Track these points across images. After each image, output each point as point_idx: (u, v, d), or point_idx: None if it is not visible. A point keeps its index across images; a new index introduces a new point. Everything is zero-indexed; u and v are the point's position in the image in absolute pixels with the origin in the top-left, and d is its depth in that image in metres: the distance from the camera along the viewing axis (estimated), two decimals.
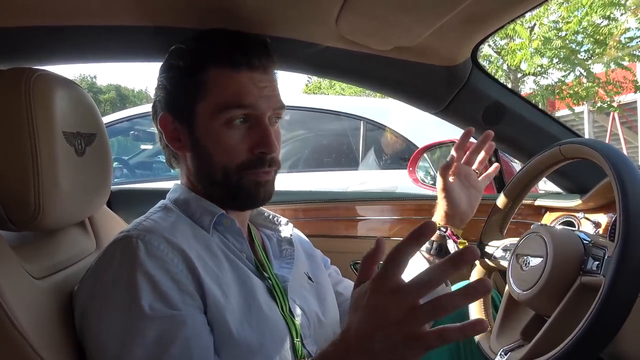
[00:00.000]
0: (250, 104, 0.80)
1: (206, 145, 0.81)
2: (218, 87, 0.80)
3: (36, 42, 0.94)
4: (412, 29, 0.93)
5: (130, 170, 3.60)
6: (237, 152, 0.80)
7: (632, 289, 0.67)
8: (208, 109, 0.80)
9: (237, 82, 0.80)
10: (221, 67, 0.80)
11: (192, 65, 0.82)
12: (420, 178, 1.93)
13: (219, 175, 0.82)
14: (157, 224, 0.77)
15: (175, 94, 0.83)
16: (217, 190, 0.83)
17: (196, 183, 0.85)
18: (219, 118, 0.79)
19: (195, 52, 0.82)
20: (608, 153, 0.79)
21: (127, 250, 0.70)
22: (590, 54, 8.09)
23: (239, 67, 0.80)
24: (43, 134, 0.69)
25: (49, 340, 0.65)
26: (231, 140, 0.80)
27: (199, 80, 0.80)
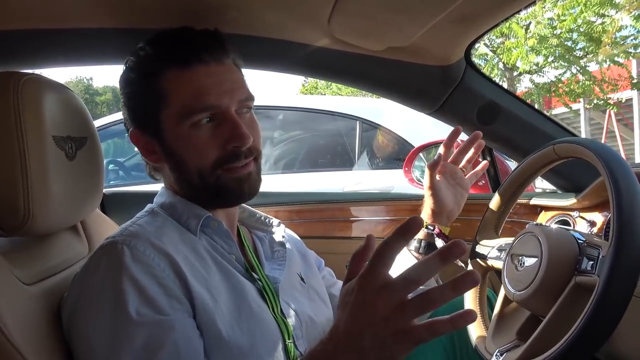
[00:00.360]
0: (212, 103, 0.77)
1: (177, 152, 0.80)
2: (176, 91, 0.78)
3: (26, 45, 0.93)
4: (405, 29, 0.93)
5: (127, 172, 3.59)
6: (208, 152, 0.78)
7: (627, 288, 0.67)
8: (171, 116, 0.78)
9: (194, 82, 0.77)
10: (174, 69, 0.78)
11: (147, 73, 0.79)
12: (415, 178, 1.92)
13: (196, 179, 0.80)
14: (143, 228, 0.76)
15: (138, 107, 0.82)
16: (199, 194, 0.82)
17: (179, 190, 0.84)
18: (184, 123, 0.77)
19: (144, 60, 0.80)
20: (601, 152, 0.79)
21: (113, 256, 0.70)
22: (586, 51, 8.11)
23: (191, 64, 0.77)
24: (32, 139, 0.68)
25: (39, 347, 0.64)
26: (200, 142, 0.78)
27: (156, 88, 0.78)
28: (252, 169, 0.82)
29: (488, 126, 1.27)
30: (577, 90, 8.60)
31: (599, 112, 11.27)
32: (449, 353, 1.02)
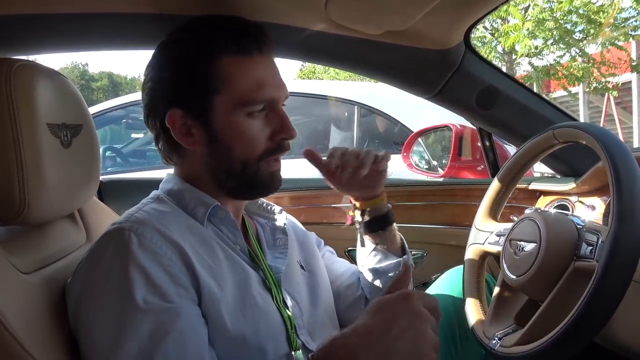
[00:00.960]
0: (271, 96, 0.79)
1: (225, 138, 0.78)
2: (236, 78, 0.77)
3: (22, 30, 0.91)
4: (403, 12, 0.92)
5: (124, 158, 3.57)
6: (259, 142, 0.80)
7: (626, 274, 0.67)
8: (227, 102, 0.77)
9: (255, 71, 0.78)
10: (233, 55, 0.77)
11: (201, 56, 0.78)
12: (414, 163, 1.92)
13: (238, 168, 0.80)
14: (150, 215, 0.76)
15: (186, 88, 0.79)
16: (232, 181, 0.81)
17: (204, 176, 0.82)
18: (241, 111, 0.78)
19: (202, 41, 0.78)
20: (602, 137, 0.78)
21: (120, 243, 0.69)
22: (585, 34, 8.04)
23: (252, 53, 0.78)
24: (26, 127, 0.67)
25: (38, 336, 0.64)
26: (252, 131, 0.79)
27: (212, 72, 0.77)
28: (280, 164, 0.85)
29: (487, 111, 1.26)
30: (577, 74, 8.55)
31: (598, 96, 11.23)
32: (449, 337, 1.03)
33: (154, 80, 0.81)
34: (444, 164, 1.88)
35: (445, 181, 1.59)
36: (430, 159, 1.96)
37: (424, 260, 1.45)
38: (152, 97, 0.81)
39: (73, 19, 0.90)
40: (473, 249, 1.07)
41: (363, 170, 0.92)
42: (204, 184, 0.83)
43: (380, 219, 1.01)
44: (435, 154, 1.96)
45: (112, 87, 40.85)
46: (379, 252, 1.01)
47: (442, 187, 1.51)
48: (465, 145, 1.79)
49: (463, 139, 1.78)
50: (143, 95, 0.83)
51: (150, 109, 0.82)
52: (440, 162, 1.92)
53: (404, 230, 1.47)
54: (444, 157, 1.88)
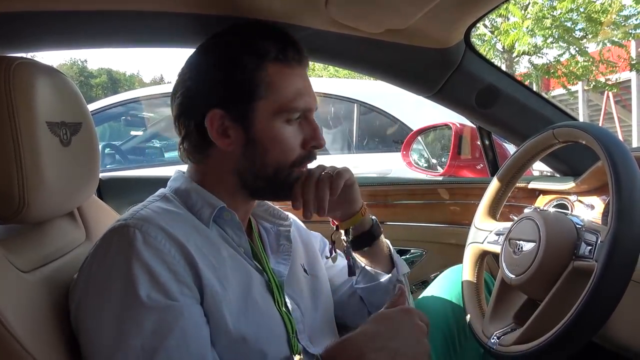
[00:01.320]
0: (307, 106, 0.83)
1: (263, 142, 0.80)
2: (279, 86, 0.80)
3: (22, 27, 0.91)
4: (403, 11, 0.91)
5: (123, 156, 3.57)
6: (294, 149, 0.82)
7: (624, 274, 0.67)
8: (269, 108, 0.79)
9: (295, 81, 0.81)
10: (278, 64, 0.80)
11: (249, 61, 0.79)
12: (414, 161, 1.92)
13: (271, 172, 0.81)
14: (156, 213, 0.76)
15: (230, 91, 0.79)
16: (260, 183, 0.83)
17: (228, 176, 0.82)
18: (280, 117, 0.80)
19: (251, 46, 0.80)
20: (601, 136, 0.78)
21: (124, 240, 0.69)
22: (585, 32, 8.04)
23: (293, 64, 0.82)
24: (25, 125, 0.67)
25: (38, 335, 0.64)
26: (289, 138, 0.81)
27: (258, 77, 0.79)
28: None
29: (487, 110, 1.26)
30: (576, 72, 8.55)
31: (597, 94, 11.24)
32: (447, 337, 1.03)
33: (195, 80, 0.82)
34: (444, 163, 1.88)
35: (444, 180, 1.59)
36: (429, 157, 1.96)
37: (423, 259, 1.46)
38: (191, 96, 0.81)
39: (73, 16, 0.90)
40: (472, 248, 1.07)
41: (332, 197, 0.87)
42: (221, 186, 0.83)
43: (365, 235, 0.96)
44: (434, 153, 1.97)
45: (111, 84, 40.79)
46: (369, 271, 0.98)
47: (442, 186, 1.51)
48: (464, 144, 1.79)
49: (463, 138, 1.78)
50: (177, 94, 0.83)
51: (187, 108, 0.82)
52: (440, 161, 1.92)
53: (403, 228, 1.49)
54: (444, 156, 1.88)
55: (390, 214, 1.50)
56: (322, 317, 0.92)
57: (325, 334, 0.90)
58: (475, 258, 1.06)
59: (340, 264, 1.07)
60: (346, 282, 1.04)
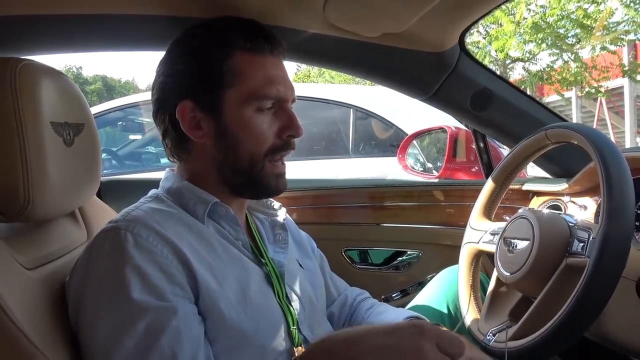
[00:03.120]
0: (280, 94, 0.81)
1: (234, 132, 0.80)
2: (248, 74, 0.80)
3: (22, 31, 0.93)
4: (399, 15, 0.93)
5: (119, 161, 3.57)
6: (266, 138, 0.81)
7: (616, 268, 0.69)
8: (238, 96, 0.80)
9: (265, 69, 0.81)
10: (247, 53, 0.80)
11: (215, 50, 0.80)
12: (410, 165, 1.94)
13: (245, 163, 0.81)
14: (147, 214, 0.76)
15: (198, 81, 0.81)
16: (238, 178, 0.83)
17: (209, 171, 0.83)
18: (250, 105, 0.80)
19: (218, 36, 0.81)
20: (593, 137, 0.80)
21: (116, 242, 0.70)
22: (578, 38, 8.11)
23: (264, 53, 0.81)
24: (30, 125, 0.69)
25: (43, 329, 0.65)
26: (261, 127, 0.81)
27: (225, 66, 0.80)
28: (285, 168, 0.86)
29: (481, 112, 1.28)
30: (570, 78, 8.62)
31: (590, 101, 11.32)
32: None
33: (167, 74, 0.83)
34: (439, 167, 1.90)
35: (440, 182, 1.61)
36: (425, 161, 1.98)
37: (419, 260, 1.47)
38: (164, 89, 0.83)
39: (71, 20, 0.91)
40: (468, 248, 1.08)
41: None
42: (208, 181, 0.84)
43: None
44: (430, 156, 1.98)
45: (106, 91, 40.70)
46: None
47: (437, 188, 1.53)
48: (460, 147, 1.80)
49: (458, 141, 1.80)
50: (153, 91, 0.85)
51: (161, 102, 0.84)
52: (435, 165, 1.93)
53: (399, 230, 1.50)
54: (439, 159, 1.89)
55: (386, 216, 1.51)
56: (320, 309, 0.93)
57: (322, 325, 0.92)
58: (471, 258, 1.08)
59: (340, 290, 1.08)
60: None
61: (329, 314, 1.03)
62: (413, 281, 1.46)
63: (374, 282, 1.46)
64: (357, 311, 1.04)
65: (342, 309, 1.05)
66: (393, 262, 1.50)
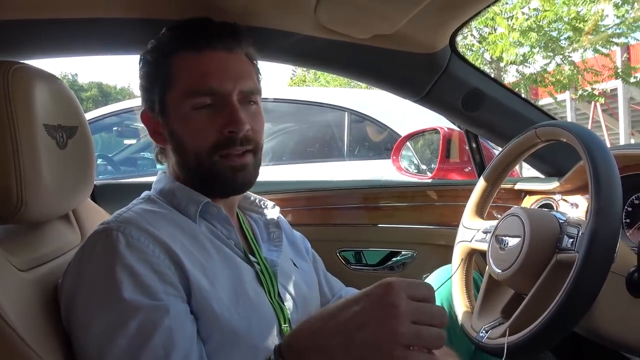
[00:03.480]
0: (215, 87, 0.80)
1: (178, 132, 0.82)
2: (183, 73, 0.81)
3: (15, 36, 0.93)
4: (390, 16, 0.95)
5: (115, 167, 3.57)
6: (206, 134, 0.80)
7: (604, 262, 0.70)
8: (176, 97, 0.81)
9: (200, 65, 0.81)
10: (184, 52, 0.81)
11: (159, 57, 0.83)
12: (404, 166, 1.95)
13: (192, 162, 0.82)
14: (139, 215, 0.77)
15: (149, 88, 0.84)
16: (195, 178, 0.84)
17: (180, 174, 0.86)
18: (187, 103, 0.80)
19: (161, 43, 0.84)
20: (581, 134, 0.81)
21: (108, 243, 0.71)
22: (571, 41, 8.17)
23: (200, 48, 0.81)
24: (23, 127, 0.69)
25: (37, 330, 0.65)
26: (199, 123, 0.80)
27: (166, 69, 0.82)
28: (248, 160, 0.84)
29: (473, 112, 1.29)
30: (563, 81, 8.67)
31: (584, 103, 11.38)
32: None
33: (139, 84, 0.87)
34: (433, 168, 1.91)
35: (433, 182, 1.62)
36: (419, 162, 1.99)
37: (414, 260, 1.48)
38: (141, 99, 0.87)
39: (65, 24, 0.92)
40: (461, 247, 1.09)
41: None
42: (187, 182, 0.85)
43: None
44: (424, 157, 1.99)
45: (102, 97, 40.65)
46: None
47: (431, 188, 1.54)
48: (453, 148, 1.82)
49: (451, 142, 1.81)
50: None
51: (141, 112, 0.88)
52: (429, 166, 1.95)
53: (393, 230, 1.51)
54: (433, 161, 1.91)
55: (381, 217, 1.52)
56: (314, 307, 0.93)
57: None
58: (464, 256, 1.08)
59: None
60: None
61: None
62: None
63: (369, 283, 1.44)
64: None
65: None
66: (388, 262, 1.51)
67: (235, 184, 0.84)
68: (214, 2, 0.89)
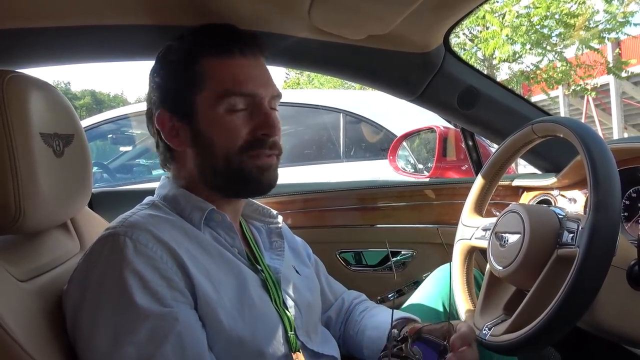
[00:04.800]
0: (250, 90, 0.81)
1: (208, 134, 0.81)
2: (215, 76, 0.81)
3: (10, 45, 0.93)
4: (384, 17, 0.95)
5: (111, 174, 3.55)
6: (239, 135, 0.81)
7: (605, 256, 0.70)
8: (208, 99, 0.81)
9: (234, 69, 0.81)
10: (214, 56, 0.82)
11: (185, 59, 0.82)
12: (400, 166, 1.95)
13: (221, 162, 0.81)
14: (145, 220, 0.76)
15: (172, 90, 0.83)
16: (220, 179, 0.83)
17: (197, 178, 0.84)
18: (221, 105, 0.80)
19: (188, 45, 0.83)
20: (577, 129, 0.82)
21: (115, 248, 0.70)
22: (562, 37, 8.20)
23: (232, 54, 0.82)
24: (20, 136, 0.69)
25: (38, 341, 0.65)
26: (233, 124, 0.81)
27: (194, 72, 0.81)
28: (274, 162, 0.85)
29: (469, 111, 1.29)
30: (556, 77, 8.71)
31: (577, 98, 11.45)
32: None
33: (150, 86, 0.86)
34: (429, 167, 1.91)
35: (431, 181, 1.62)
36: (415, 161, 2.00)
37: (413, 260, 1.48)
38: (149, 102, 0.86)
39: (63, 32, 0.92)
40: (461, 245, 1.09)
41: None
42: (199, 188, 0.84)
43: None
44: (420, 157, 2.00)
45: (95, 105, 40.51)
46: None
47: (429, 187, 1.54)
48: (449, 146, 1.82)
49: (447, 140, 1.82)
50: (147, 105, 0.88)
51: (149, 114, 0.86)
52: (426, 165, 1.95)
53: (393, 230, 1.51)
54: (429, 160, 1.91)
55: (379, 217, 1.52)
56: (316, 314, 0.93)
57: (318, 330, 0.92)
58: (464, 254, 1.08)
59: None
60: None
61: (326, 318, 1.03)
62: (408, 281, 1.46)
63: (369, 284, 1.47)
64: (352, 314, 1.04)
65: (339, 313, 1.06)
66: (388, 262, 1.51)
67: (261, 183, 0.84)
68: (207, 6, 0.89)
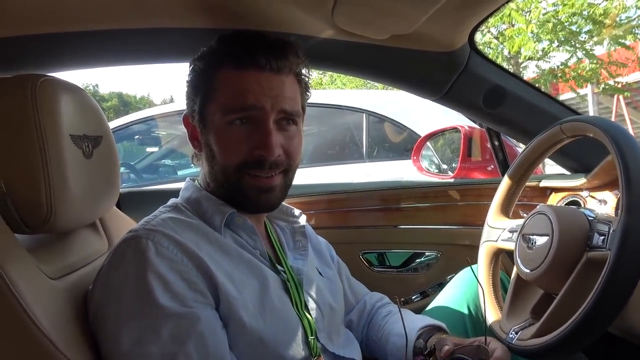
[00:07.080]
0: (252, 105, 0.80)
1: (213, 145, 0.83)
2: (224, 89, 0.82)
3: (41, 49, 0.96)
4: (408, 16, 0.94)
5: (138, 174, 3.62)
6: (237, 152, 0.81)
7: (638, 259, 0.68)
8: (215, 110, 0.82)
9: (241, 83, 0.81)
10: (229, 68, 0.82)
11: (205, 68, 0.84)
12: (424, 167, 1.93)
13: (220, 175, 0.83)
14: (166, 223, 0.78)
15: (192, 97, 0.86)
16: (219, 190, 0.85)
17: (210, 182, 0.87)
18: (223, 118, 0.81)
19: (209, 55, 0.85)
20: (608, 128, 0.80)
21: (137, 251, 0.71)
22: (591, 35, 8.00)
23: (244, 67, 0.81)
24: (51, 138, 0.70)
25: (69, 337, 0.66)
26: (232, 140, 0.81)
27: (209, 82, 0.83)
28: (277, 182, 0.84)
29: (495, 110, 1.27)
30: (585, 75, 8.50)
31: (607, 96, 11.14)
32: (463, 336, 1.03)
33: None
34: (454, 167, 1.89)
35: (456, 182, 1.60)
36: (440, 162, 1.97)
37: (438, 261, 1.46)
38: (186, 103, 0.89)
39: (91, 36, 0.94)
40: (486, 247, 1.08)
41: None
42: (218, 193, 0.86)
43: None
44: (445, 157, 1.98)
45: (122, 107, 41.34)
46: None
47: (453, 188, 1.52)
48: (474, 146, 1.80)
49: (472, 140, 1.79)
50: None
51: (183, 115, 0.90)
52: (450, 165, 1.92)
53: (416, 231, 1.50)
54: (454, 160, 1.89)
55: (403, 218, 1.51)
56: (339, 316, 0.93)
57: (341, 333, 0.92)
58: (490, 256, 1.07)
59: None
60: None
61: (347, 321, 1.03)
62: (433, 282, 1.45)
63: (392, 285, 1.46)
64: (375, 318, 1.04)
65: (360, 315, 1.05)
66: (411, 264, 1.49)
67: (258, 205, 0.85)
68: (231, 9, 0.90)
